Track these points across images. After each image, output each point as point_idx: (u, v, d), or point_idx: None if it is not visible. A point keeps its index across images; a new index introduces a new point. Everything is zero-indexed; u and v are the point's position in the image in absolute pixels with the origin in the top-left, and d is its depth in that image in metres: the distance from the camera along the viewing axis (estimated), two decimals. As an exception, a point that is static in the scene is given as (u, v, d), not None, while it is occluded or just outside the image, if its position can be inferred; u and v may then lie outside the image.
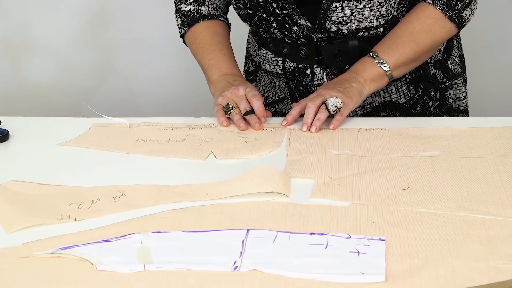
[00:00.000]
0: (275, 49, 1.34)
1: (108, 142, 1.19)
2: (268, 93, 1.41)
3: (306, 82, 1.33)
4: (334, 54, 1.28)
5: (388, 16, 1.25)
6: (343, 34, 1.25)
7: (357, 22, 1.24)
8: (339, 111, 1.19)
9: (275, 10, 1.26)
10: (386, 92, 1.33)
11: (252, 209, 0.95)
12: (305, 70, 1.32)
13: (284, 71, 1.35)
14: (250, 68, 1.46)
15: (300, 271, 0.82)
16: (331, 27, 1.25)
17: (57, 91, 2.28)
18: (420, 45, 1.25)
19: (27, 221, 0.95)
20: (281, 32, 1.29)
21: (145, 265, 0.85)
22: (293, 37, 1.29)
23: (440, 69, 1.36)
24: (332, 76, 1.31)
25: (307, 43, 1.29)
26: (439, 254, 0.84)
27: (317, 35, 1.27)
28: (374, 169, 1.05)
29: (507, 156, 1.07)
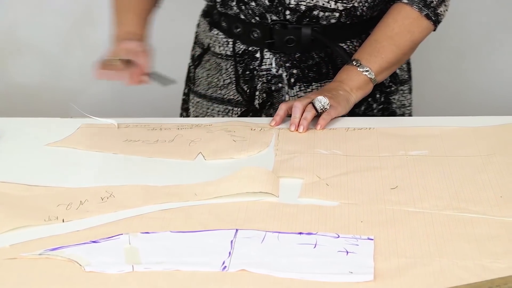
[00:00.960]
0: (227, 29, 1.33)
1: (96, 142, 1.18)
2: (212, 78, 1.39)
3: (254, 66, 1.32)
4: (286, 39, 1.28)
5: (348, 4, 1.25)
6: (300, 11, 1.24)
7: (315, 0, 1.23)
8: (325, 110, 1.19)
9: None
10: None
11: (241, 209, 0.95)
12: (255, 53, 1.32)
13: (234, 53, 1.34)
14: (196, 53, 1.44)
15: (289, 271, 0.82)
16: (290, 2, 1.24)
17: (44, 92, 2.27)
18: (401, 47, 1.26)
19: (14, 223, 0.94)
20: (238, 6, 1.28)
21: (133, 265, 0.84)
22: (249, 14, 1.28)
23: None
24: (280, 62, 1.31)
25: (260, 24, 1.28)
26: (427, 253, 0.84)
27: (272, 17, 1.26)
28: (362, 169, 1.05)
29: (494, 155, 1.07)
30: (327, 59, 1.31)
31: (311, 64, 1.31)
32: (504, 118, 1.19)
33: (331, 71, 1.31)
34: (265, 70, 1.32)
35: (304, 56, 1.30)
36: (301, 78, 1.31)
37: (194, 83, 1.43)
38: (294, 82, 1.31)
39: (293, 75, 1.31)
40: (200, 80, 1.41)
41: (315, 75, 1.31)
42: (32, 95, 2.26)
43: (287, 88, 1.32)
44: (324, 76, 1.32)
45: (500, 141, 1.12)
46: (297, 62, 1.30)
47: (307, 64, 1.31)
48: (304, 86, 1.32)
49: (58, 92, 2.26)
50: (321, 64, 1.31)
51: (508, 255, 0.84)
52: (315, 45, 1.29)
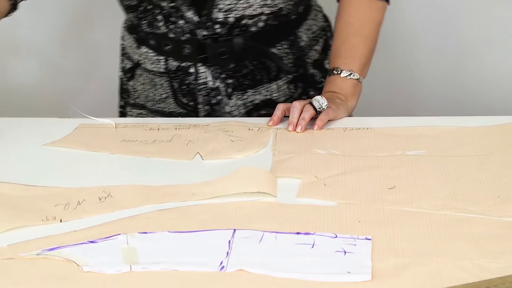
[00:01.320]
0: (156, 47, 1.32)
1: (94, 142, 1.18)
2: (148, 92, 1.38)
3: (190, 81, 1.32)
4: (219, 52, 1.28)
5: (274, 7, 1.25)
6: (228, 23, 1.25)
7: (242, 10, 1.24)
8: (324, 111, 1.20)
9: (160, 2, 1.24)
10: (267, 90, 1.34)
11: (239, 209, 0.95)
12: (189, 68, 1.32)
13: (167, 70, 1.33)
14: (127, 66, 1.42)
15: (287, 271, 0.82)
16: (218, 17, 1.24)
17: (42, 92, 2.27)
18: (369, 37, 1.27)
19: (12, 223, 0.94)
20: (166, 26, 1.27)
21: (131, 265, 0.84)
22: (178, 32, 1.27)
23: (318, 69, 1.38)
24: (216, 74, 1.31)
25: (191, 40, 1.28)
26: (425, 252, 0.84)
27: (202, 32, 1.26)
28: (360, 169, 1.05)
29: (492, 155, 1.07)
30: (261, 66, 1.32)
31: (246, 72, 1.32)
32: (503, 118, 1.19)
33: (265, 77, 1.33)
34: (202, 84, 1.32)
35: (238, 66, 1.31)
36: (237, 87, 1.32)
37: (129, 95, 1.42)
38: (231, 92, 1.32)
39: (229, 85, 1.32)
40: (137, 92, 1.40)
41: (250, 82, 1.32)
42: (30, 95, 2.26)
43: (226, 99, 1.33)
44: (259, 82, 1.33)
45: (498, 141, 1.12)
46: (232, 72, 1.31)
47: (241, 73, 1.31)
48: (241, 94, 1.33)
49: (56, 92, 2.26)
50: (255, 71, 1.32)
51: (506, 255, 0.84)
52: (248, 54, 1.29)
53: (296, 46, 1.33)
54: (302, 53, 1.35)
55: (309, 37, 1.36)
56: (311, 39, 1.37)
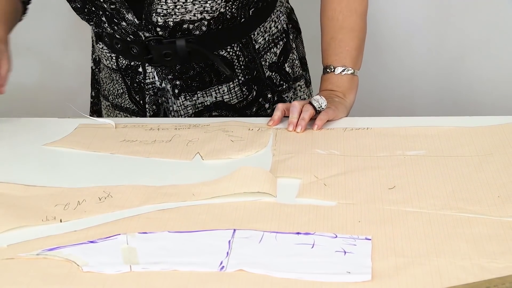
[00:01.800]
0: (110, 44, 1.33)
1: (94, 142, 1.18)
2: (109, 86, 1.40)
3: (139, 79, 1.33)
4: (163, 53, 1.28)
5: (214, 12, 1.24)
6: (169, 27, 1.24)
7: (181, 15, 1.23)
8: (323, 110, 1.20)
9: (102, 4, 1.24)
10: (218, 92, 1.33)
11: (239, 209, 0.95)
12: (137, 67, 1.32)
13: (118, 67, 1.34)
14: (97, 57, 1.45)
15: (287, 271, 0.82)
16: (157, 20, 1.23)
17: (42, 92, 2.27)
18: (356, 29, 1.27)
19: (12, 223, 0.94)
20: (111, 27, 1.27)
21: (131, 266, 0.84)
22: (123, 33, 1.27)
23: (276, 72, 1.37)
24: (163, 75, 1.31)
25: (136, 41, 1.28)
26: (425, 252, 0.84)
27: (145, 34, 1.26)
28: (360, 169, 1.05)
29: (492, 155, 1.07)
30: (208, 69, 1.31)
31: (193, 74, 1.31)
32: (503, 118, 1.19)
33: (214, 79, 1.32)
34: (150, 84, 1.33)
35: (185, 67, 1.30)
36: (184, 88, 1.32)
37: (100, 86, 1.43)
38: (178, 93, 1.32)
39: (176, 86, 1.32)
40: (105, 85, 1.42)
41: (199, 84, 1.32)
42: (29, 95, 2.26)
43: (173, 99, 1.33)
44: (208, 84, 1.32)
45: (497, 141, 1.12)
46: (179, 73, 1.31)
47: (188, 75, 1.31)
48: (190, 95, 1.33)
49: (56, 92, 2.26)
50: (202, 73, 1.31)
51: (506, 255, 0.84)
52: (193, 56, 1.28)
53: (249, 49, 1.32)
54: (257, 55, 1.34)
55: (266, 40, 1.34)
56: (268, 42, 1.35)
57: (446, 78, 2.17)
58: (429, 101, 2.18)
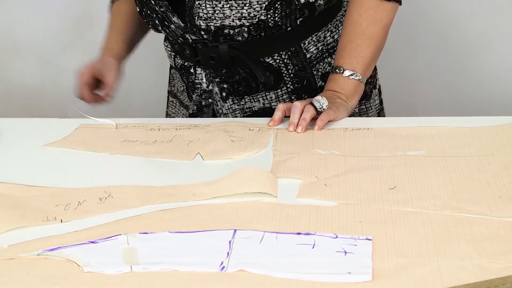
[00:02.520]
0: (170, 45, 1.37)
1: (95, 143, 1.18)
2: (177, 81, 1.44)
3: (192, 79, 1.35)
4: (209, 57, 1.29)
5: (253, 19, 1.24)
6: (211, 31, 1.25)
7: (221, 20, 1.24)
8: (324, 111, 1.20)
9: (154, 7, 1.28)
10: (265, 99, 1.33)
11: (239, 210, 0.95)
12: (190, 68, 1.35)
13: (176, 66, 1.38)
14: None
15: (287, 271, 0.82)
16: (200, 24, 1.24)
17: (43, 92, 2.27)
18: (375, 38, 1.27)
19: (12, 223, 0.94)
20: (164, 30, 1.31)
21: (131, 266, 0.84)
22: (173, 35, 1.31)
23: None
24: (210, 77, 1.32)
25: (186, 43, 1.30)
26: (425, 253, 0.84)
27: (192, 37, 1.28)
28: (360, 169, 1.05)
29: (492, 155, 1.07)
30: (253, 75, 1.31)
31: (239, 79, 1.32)
32: (503, 118, 1.19)
33: (261, 85, 1.32)
34: (198, 84, 1.34)
35: (230, 72, 1.31)
36: (232, 92, 1.33)
37: (169, 83, 1.48)
38: (226, 96, 1.33)
39: (224, 89, 1.33)
40: (175, 81, 1.46)
41: (245, 89, 1.32)
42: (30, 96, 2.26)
43: (221, 102, 1.34)
44: (255, 90, 1.33)
45: (498, 141, 1.12)
46: (225, 77, 1.32)
47: (234, 79, 1.32)
48: (237, 99, 1.33)
49: (56, 92, 2.26)
50: (248, 79, 1.31)
51: (506, 255, 0.84)
52: (236, 62, 1.29)
53: (299, 57, 1.31)
54: (309, 64, 1.33)
55: (318, 49, 1.33)
56: (321, 51, 1.34)
57: (447, 78, 2.17)
58: (429, 101, 2.18)
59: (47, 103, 2.26)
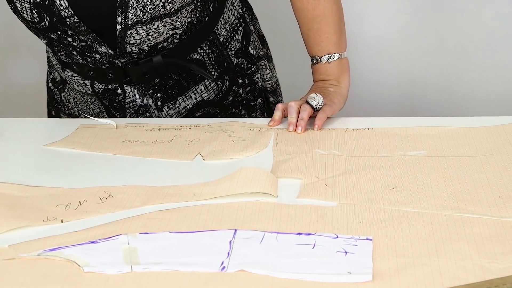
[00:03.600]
0: (80, 72, 1.30)
1: (95, 143, 1.18)
2: (82, 105, 1.37)
3: (119, 99, 1.32)
4: (142, 73, 1.27)
5: (183, 26, 1.25)
6: (144, 51, 1.24)
7: (155, 39, 1.23)
8: (321, 107, 1.20)
9: (71, 43, 1.22)
10: (196, 93, 1.33)
11: (239, 210, 0.95)
12: (116, 89, 1.31)
13: (95, 92, 1.32)
14: (57, 78, 1.40)
15: (288, 271, 0.82)
16: (132, 50, 1.23)
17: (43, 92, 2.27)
18: (328, 14, 1.26)
19: (13, 223, 0.94)
20: (84, 59, 1.26)
21: (132, 266, 0.84)
22: (97, 63, 1.26)
23: (242, 57, 1.38)
24: (143, 92, 1.31)
25: (111, 68, 1.27)
26: (426, 253, 0.84)
27: (121, 60, 1.25)
28: (361, 169, 1.05)
29: (493, 156, 1.07)
30: (185, 75, 1.31)
31: (172, 83, 1.31)
32: (504, 118, 1.19)
33: (191, 82, 1.32)
34: (130, 102, 1.32)
35: (164, 79, 1.30)
36: (166, 98, 1.32)
37: (64, 105, 1.40)
38: (161, 105, 1.32)
39: (158, 98, 1.32)
40: (71, 104, 1.39)
41: (178, 90, 1.32)
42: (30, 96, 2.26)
43: (156, 112, 1.33)
44: (186, 88, 1.33)
45: (498, 141, 1.12)
46: (159, 86, 1.31)
47: (168, 85, 1.31)
48: (172, 104, 1.33)
49: (57, 92, 2.25)
50: (180, 80, 1.32)
51: (507, 255, 0.84)
52: (170, 67, 1.29)
53: (216, 44, 1.32)
54: (223, 47, 1.34)
55: (228, 30, 1.35)
56: (229, 31, 1.35)
57: (447, 78, 2.17)
58: (429, 101, 2.18)
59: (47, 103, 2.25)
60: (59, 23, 1.18)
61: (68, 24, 1.18)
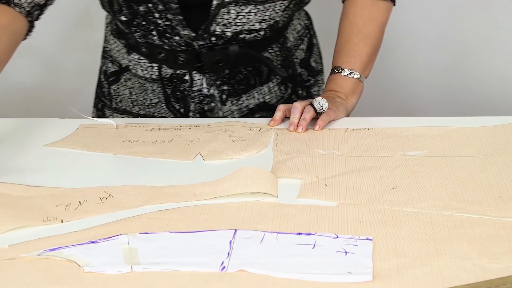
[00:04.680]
0: (149, 54, 1.31)
1: (95, 143, 1.18)
2: (137, 96, 1.37)
3: (184, 87, 1.32)
4: (215, 60, 1.28)
5: (270, 21, 1.26)
6: (226, 37, 1.25)
7: (241, 25, 1.24)
8: (324, 112, 1.20)
9: (156, 20, 1.24)
10: (260, 93, 1.34)
11: (240, 210, 0.95)
12: (184, 76, 1.31)
13: (161, 77, 1.32)
14: (109, 69, 1.40)
15: (288, 271, 0.82)
16: (215, 30, 1.24)
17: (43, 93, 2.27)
18: (372, 37, 1.28)
19: (13, 223, 0.94)
20: (161, 40, 1.27)
21: (132, 266, 0.84)
22: (173, 45, 1.27)
23: (304, 68, 1.39)
24: (211, 81, 1.31)
25: (186, 50, 1.28)
26: (426, 253, 0.84)
27: (199, 43, 1.26)
28: (361, 169, 1.05)
29: (493, 156, 1.07)
30: (255, 72, 1.33)
31: (240, 78, 1.32)
32: (504, 118, 1.19)
33: (258, 81, 1.34)
34: (196, 91, 1.32)
35: (233, 72, 1.31)
36: (232, 93, 1.33)
37: (111, 99, 1.40)
38: (226, 98, 1.33)
39: (224, 91, 1.32)
40: (121, 97, 1.39)
41: (244, 87, 1.33)
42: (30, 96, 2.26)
43: (219, 105, 1.33)
44: (252, 87, 1.34)
45: (499, 141, 1.12)
46: (227, 78, 1.32)
47: (236, 79, 1.32)
48: (235, 100, 1.34)
49: (57, 92, 2.26)
50: (249, 77, 1.33)
51: (507, 255, 0.84)
52: (243, 60, 1.30)
53: (284, 48, 1.34)
54: (290, 53, 1.36)
55: (295, 37, 1.37)
56: (296, 39, 1.38)
57: (447, 78, 2.17)
58: (430, 101, 2.18)
59: (47, 103, 2.25)
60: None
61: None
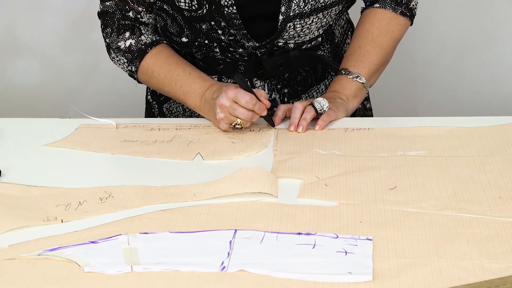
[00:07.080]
0: (207, 68, 1.30)
1: (95, 143, 1.18)
2: (193, 112, 1.36)
3: None
4: (277, 64, 1.29)
5: (326, 26, 1.28)
6: (288, 48, 1.26)
7: (304, 36, 1.26)
8: (325, 112, 1.20)
9: (220, 36, 1.24)
10: (317, 92, 1.36)
11: (240, 210, 0.95)
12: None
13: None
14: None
15: (288, 271, 0.82)
16: (278, 42, 1.25)
17: (43, 92, 2.27)
18: (384, 48, 1.29)
19: (13, 223, 0.94)
20: (223, 55, 1.28)
21: (132, 266, 0.84)
22: (236, 58, 1.28)
23: None
24: (272, 86, 1.31)
25: (247, 60, 1.28)
26: (426, 253, 0.84)
27: (261, 50, 1.27)
28: (361, 169, 1.05)
29: (493, 156, 1.07)
30: (312, 71, 1.34)
31: (300, 79, 1.33)
32: (504, 118, 1.19)
33: (314, 80, 1.35)
34: None
35: (293, 74, 1.32)
36: (292, 95, 1.33)
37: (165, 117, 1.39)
38: (287, 101, 1.33)
39: (285, 94, 1.33)
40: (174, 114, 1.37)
41: (303, 87, 1.34)
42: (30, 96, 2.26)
43: None
44: (309, 86, 1.35)
45: (498, 141, 1.12)
46: (287, 81, 1.32)
47: (296, 80, 1.33)
48: (295, 101, 1.33)
49: (57, 92, 2.26)
50: (307, 77, 1.33)
51: (507, 255, 0.84)
52: (304, 63, 1.31)
53: (333, 44, 1.36)
54: (338, 48, 1.38)
55: (340, 33, 1.39)
56: (342, 34, 1.39)
57: (447, 79, 2.17)
58: (429, 101, 2.18)
59: (47, 103, 2.25)
60: (216, 12, 1.20)
61: (225, 14, 1.20)
